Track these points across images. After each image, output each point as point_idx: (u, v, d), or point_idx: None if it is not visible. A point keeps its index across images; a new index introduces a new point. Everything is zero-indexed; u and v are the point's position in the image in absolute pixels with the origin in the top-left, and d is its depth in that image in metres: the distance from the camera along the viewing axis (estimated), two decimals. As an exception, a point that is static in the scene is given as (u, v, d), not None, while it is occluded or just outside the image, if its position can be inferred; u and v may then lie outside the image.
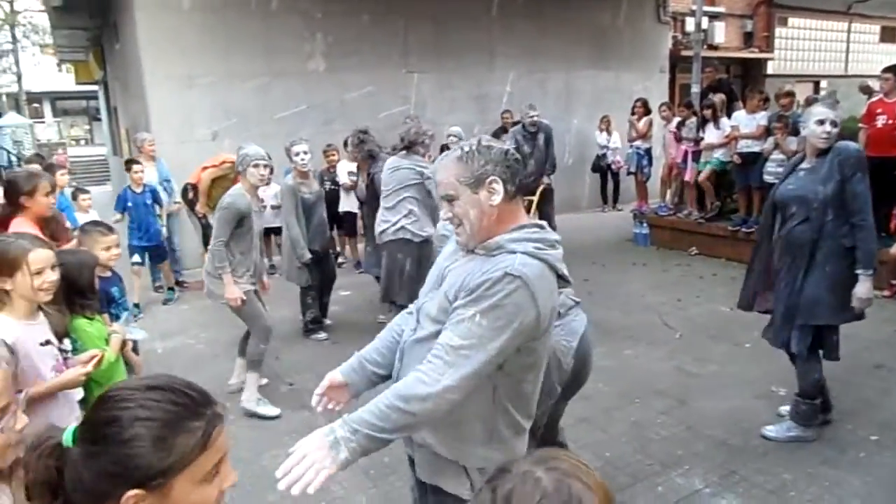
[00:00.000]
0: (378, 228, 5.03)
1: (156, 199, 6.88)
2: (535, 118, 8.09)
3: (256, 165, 4.24)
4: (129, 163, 6.96)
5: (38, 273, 2.18)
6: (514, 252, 1.63)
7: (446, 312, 1.66)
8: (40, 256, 2.20)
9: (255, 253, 4.35)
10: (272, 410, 4.21)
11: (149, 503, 0.94)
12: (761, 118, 7.16)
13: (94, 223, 3.41)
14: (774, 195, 3.67)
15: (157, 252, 6.87)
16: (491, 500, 0.90)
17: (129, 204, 6.60)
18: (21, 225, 3.17)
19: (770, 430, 3.72)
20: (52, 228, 3.54)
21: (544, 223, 1.77)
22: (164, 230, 7.00)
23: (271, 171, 4.49)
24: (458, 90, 10.27)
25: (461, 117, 10.20)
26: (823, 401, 3.74)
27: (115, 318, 3.14)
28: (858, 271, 3.35)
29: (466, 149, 1.70)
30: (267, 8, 8.80)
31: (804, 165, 3.55)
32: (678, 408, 4.11)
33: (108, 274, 3.28)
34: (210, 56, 8.47)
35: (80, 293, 2.61)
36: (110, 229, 3.29)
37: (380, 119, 9.22)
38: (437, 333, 1.65)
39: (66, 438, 0.97)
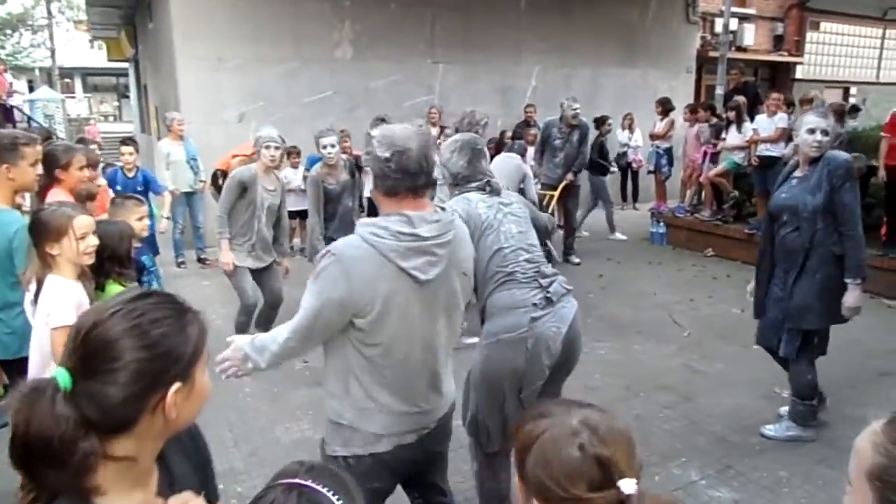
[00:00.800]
0: None
1: (148, 187, 6.43)
2: (577, 112, 7.64)
3: (268, 147, 4.50)
4: (126, 143, 6.67)
5: (82, 238, 2.37)
6: (356, 234, 1.86)
7: None
8: (83, 223, 2.41)
9: (258, 228, 4.59)
10: None
11: (183, 395, 1.01)
12: (780, 121, 7.16)
13: (126, 196, 3.57)
14: (770, 203, 3.74)
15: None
16: (528, 442, 1.05)
17: (119, 188, 5.93)
18: (57, 195, 3.32)
19: (769, 430, 3.79)
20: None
21: (409, 214, 1.84)
22: (163, 221, 6.40)
23: (289, 155, 4.64)
24: (482, 82, 10.34)
25: (485, 109, 10.10)
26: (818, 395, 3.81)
27: (147, 285, 3.31)
28: (847, 280, 3.42)
29: (371, 133, 1.96)
30: (298, -6, 8.94)
31: (797, 174, 3.60)
32: (682, 403, 4.20)
33: (139, 244, 3.44)
34: (240, 39, 8.63)
35: (118, 261, 2.77)
36: (141, 201, 3.45)
37: (404, 108, 9.34)
38: None
39: (64, 381, 0.94)
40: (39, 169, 3.04)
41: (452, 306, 1.99)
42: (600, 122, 9.35)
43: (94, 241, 2.44)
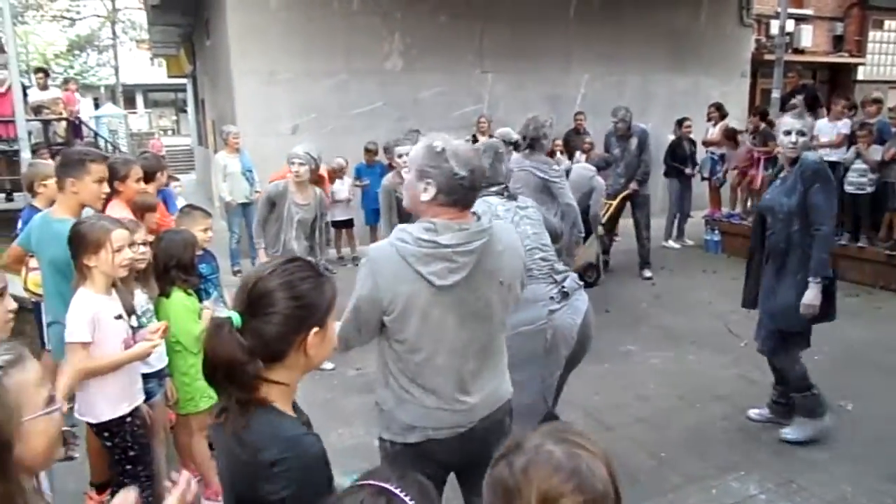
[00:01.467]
0: None
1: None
2: (624, 120, 7.38)
3: (292, 163, 4.77)
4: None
5: (118, 251, 2.47)
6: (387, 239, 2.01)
7: None
8: (120, 236, 2.51)
9: (284, 240, 4.81)
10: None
11: (319, 337, 1.37)
12: (843, 126, 6.93)
13: (194, 206, 3.70)
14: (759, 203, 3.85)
15: None
16: (509, 473, 1.01)
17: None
18: (115, 207, 3.43)
19: (788, 434, 3.74)
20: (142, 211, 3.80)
21: (436, 222, 1.91)
22: None
23: (334, 172, 4.71)
24: (531, 91, 10.32)
25: (533, 118, 10.24)
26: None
27: (206, 293, 3.43)
28: (809, 278, 3.46)
29: (437, 147, 1.93)
30: (348, 8, 9.12)
31: (781, 174, 3.65)
32: (739, 414, 4.09)
33: (201, 252, 3.57)
34: (293, 53, 8.85)
35: (183, 269, 2.88)
36: (208, 213, 3.58)
37: (453, 118, 9.41)
38: None
39: (235, 320, 1.30)
40: (105, 187, 3.13)
41: (485, 315, 2.02)
42: (678, 124, 9.20)
43: (129, 253, 2.53)
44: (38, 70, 11.41)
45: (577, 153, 9.10)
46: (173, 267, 2.81)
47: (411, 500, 1.00)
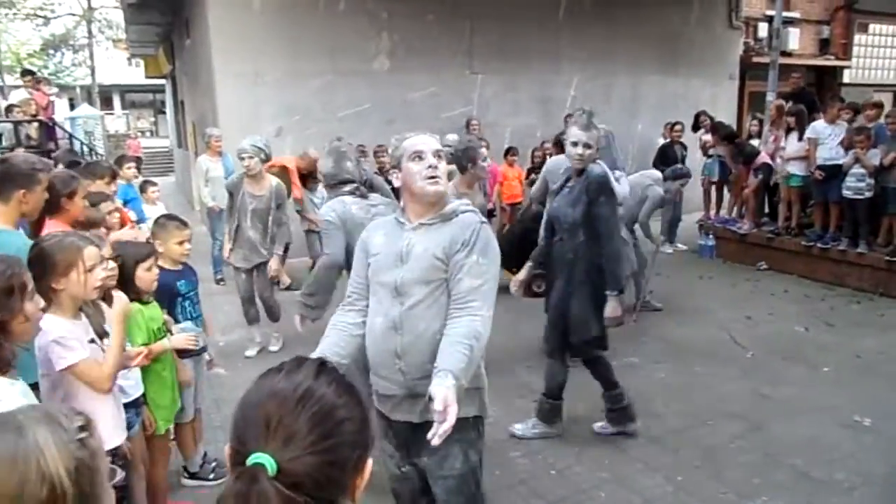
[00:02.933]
0: None
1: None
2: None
3: (241, 158, 4.99)
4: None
5: (90, 270, 2.16)
6: (465, 211, 2.19)
7: (438, 270, 2.09)
8: (92, 253, 2.19)
9: (241, 229, 5.07)
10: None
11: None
12: (843, 130, 6.79)
13: (170, 217, 3.41)
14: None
15: None
16: None
17: None
18: (55, 227, 3.05)
19: (518, 429, 3.89)
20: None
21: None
22: None
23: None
24: (521, 92, 10.13)
25: (524, 120, 10.07)
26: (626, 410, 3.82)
27: (183, 311, 3.17)
28: (606, 292, 3.52)
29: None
30: (334, 7, 8.85)
31: (569, 184, 3.67)
32: (754, 432, 3.90)
33: (179, 267, 3.29)
34: (277, 54, 8.57)
35: (126, 285, 2.63)
36: (185, 224, 3.29)
37: (442, 119, 9.17)
38: (431, 293, 2.09)
39: (271, 467, 0.85)
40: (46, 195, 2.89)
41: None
42: (669, 127, 9.03)
43: (102, 273, 2.24)
44: (24, 73, 11.13)
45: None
46: (120, 283, 2.55)
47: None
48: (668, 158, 8.74)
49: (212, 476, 3.48)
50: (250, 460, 0.85)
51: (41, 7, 28.01)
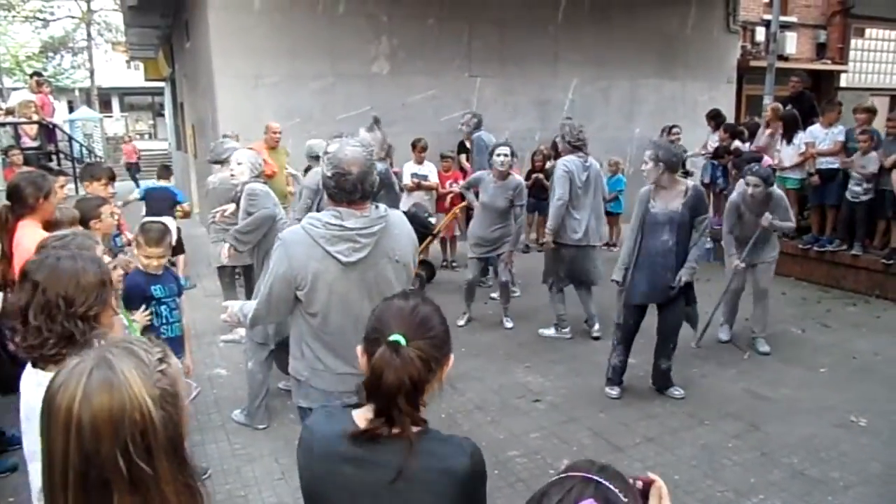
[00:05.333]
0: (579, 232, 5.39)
1: None
2: (468, 121, 7.81)
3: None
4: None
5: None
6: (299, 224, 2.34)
7: None
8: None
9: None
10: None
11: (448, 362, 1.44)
12: (839, 133, 6.82)
13: (150, 230, 3.37)
14: None
15: None
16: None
17: None
18: (29, 226, 3.15)
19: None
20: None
21: (341, 210, 2.24)
22: None
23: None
24: (520, 95, 10.17)
25: (522, 123, 10.11)
26: None
27: (158, 316, 3.20)
28: None
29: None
30: (334, 10, 8.89)
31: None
32: (750, 432, 3.93)
33: (159, 272, 3.33)
34: (277, 56, 8.60)
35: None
36: (162, 235, 3.32)
37: (441, 122, 9.22)
38: None
39: (404, 341, 1.31)
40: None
41: (385, 289, 2.21)
42: (666, 131, 9.02)
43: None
44: (33, 74, 11.22)
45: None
46: None
47: (616, 489, 0.98)
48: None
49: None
50: (391, 338, 1.31)
51: (40, 10, 28.03)
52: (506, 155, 5.45)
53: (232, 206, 4.66)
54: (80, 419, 0.93)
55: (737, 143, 8.23)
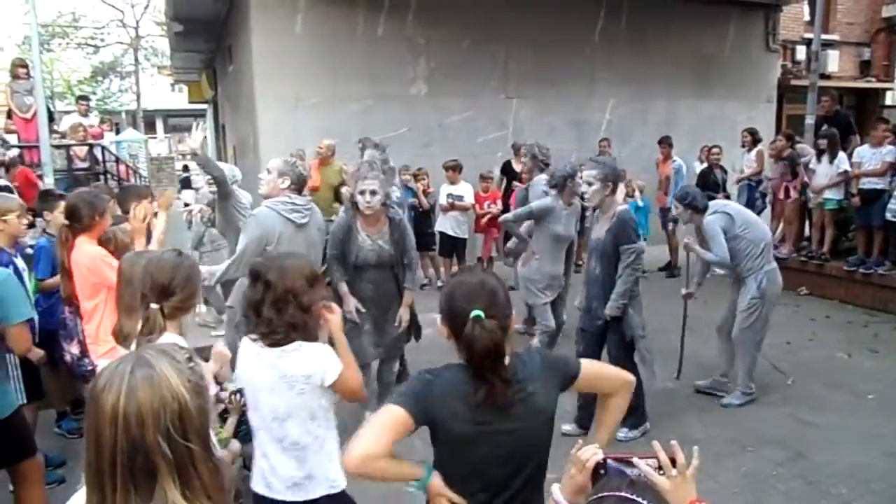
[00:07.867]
0: None
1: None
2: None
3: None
4: None
5: None
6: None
7: None
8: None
9: None
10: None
11: None
12: (887, 154, 6.66)
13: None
14: None
15: None
16: None
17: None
18: (85, 243, 3.30)
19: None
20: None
21: (292, 196, 3.75)
22: None
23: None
24: (556, 116, 10.19)
25: (559, 143, 10.07)
26: None
27: None
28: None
29: (290, 159, 3.98)
30: (373, 34, 9.07)
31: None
32: (795, 460, 3.83)
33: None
34: (317, 78, 8.80)
35: None
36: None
37: (477, 143, 9.29)
38: None
39: (484, 315, 1.61)
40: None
41: (315, 242, 3.89)
42: (706, 151, 8.94)
43: None
44: (80, 98, 11.70)
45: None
46: None
47: (647, 501, 1.06)
48: (708, 183, 8.66)
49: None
50: (473, 314, 1.61)
51: (92, 36, 29.13)
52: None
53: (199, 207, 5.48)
54: (127, 412, 1.05)
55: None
